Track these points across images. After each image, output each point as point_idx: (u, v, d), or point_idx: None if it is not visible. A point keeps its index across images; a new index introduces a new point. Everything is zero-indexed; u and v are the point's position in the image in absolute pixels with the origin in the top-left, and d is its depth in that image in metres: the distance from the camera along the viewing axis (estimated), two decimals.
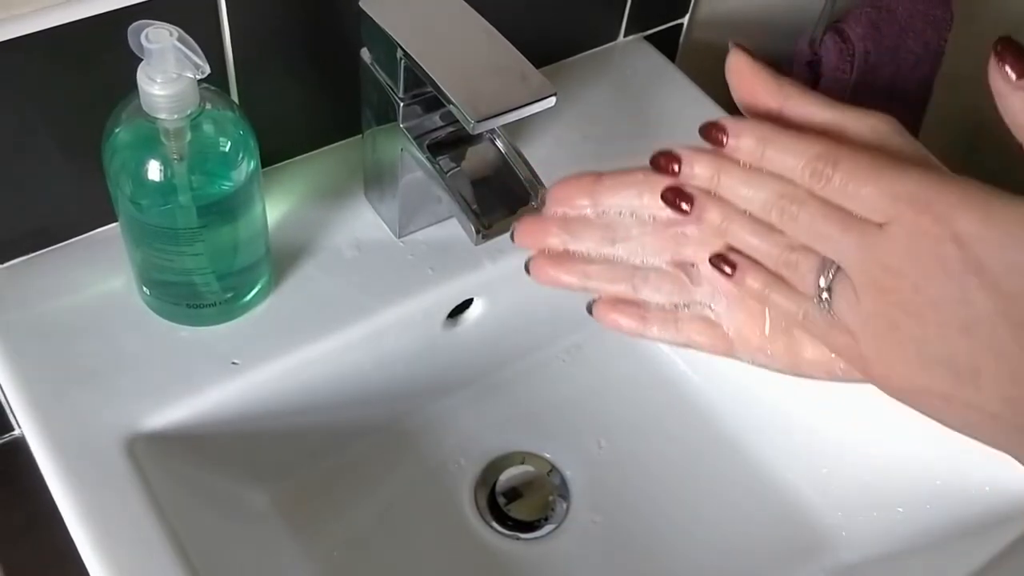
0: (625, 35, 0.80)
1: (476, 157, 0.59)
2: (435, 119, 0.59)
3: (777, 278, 0.36)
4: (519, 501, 0.67)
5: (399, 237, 0.65)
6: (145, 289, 0.58)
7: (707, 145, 0.36)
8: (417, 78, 0.54)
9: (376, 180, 0.65)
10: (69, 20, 0.52)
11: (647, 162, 0.37)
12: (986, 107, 0.34)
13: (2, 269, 0.60)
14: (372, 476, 0.67)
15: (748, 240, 0.36)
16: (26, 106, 0.54)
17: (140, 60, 0.48)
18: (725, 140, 0.35)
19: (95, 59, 0.54)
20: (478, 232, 0.56)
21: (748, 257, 0.37)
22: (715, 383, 0.72)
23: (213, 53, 0.57)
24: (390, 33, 0.54)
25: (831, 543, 0.66)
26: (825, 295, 0.35)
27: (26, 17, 0.50)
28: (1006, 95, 0.32)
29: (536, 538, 0.66)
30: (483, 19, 0.54)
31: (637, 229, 0.39)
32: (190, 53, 0.47)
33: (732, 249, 0.37)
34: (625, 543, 0.66)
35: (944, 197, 0.32)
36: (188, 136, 0.50)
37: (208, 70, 0.48)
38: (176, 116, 0.49)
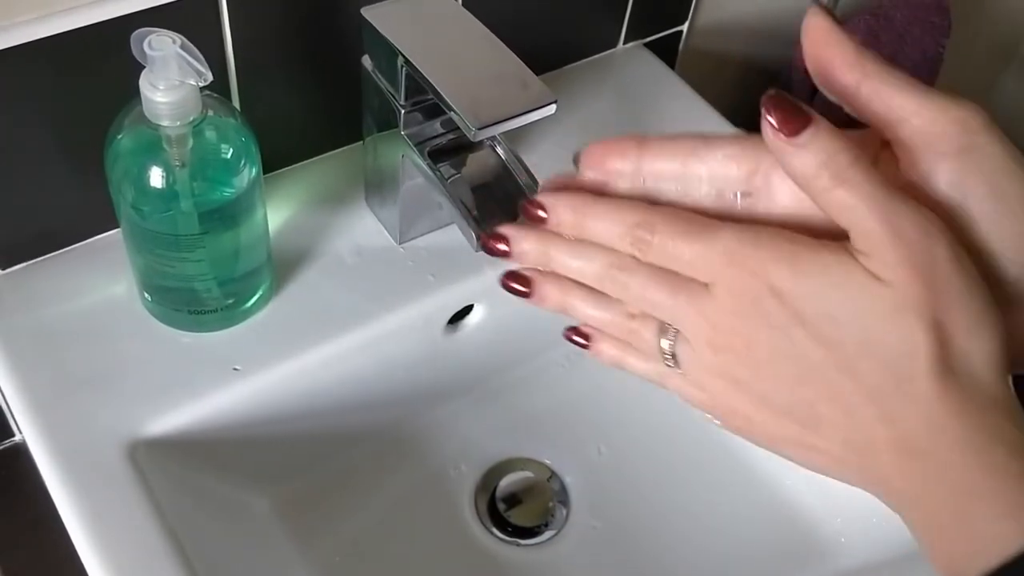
0: (625, 42, 0.80)
1: (477, 164, 0.59)
2: (436, 126, 0.59)
3: (627, 343, 0.37)
4: (519, 507, 0.67)
5: (400, 243, 0.65)
6: (147, 295, 0.59)
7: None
8: (418, 85, 0.54)
9: (377, 186, 0.65)
10: (72, 27, 0.52)
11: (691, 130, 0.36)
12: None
13: (4, 274, 0.60)
14: (372, 481, 0.67)
15: (589, 313, 0.37)
16: (29, 112, 0.54)
17: (143, 67, 0.48)
18: (544, 215, 0.36)
19: (98, 66, 0.54)
20: (479, 238, 0.56)
21: (597, 328, 0.37)
22: None
23: (215, 60, 0.57)
24: (391, 41, 0.54)
25: (830, 549, 0.66)
26: (668, 358, 0.36)
27: (29, 24, 0.51)
28: (783, 155, 0.31)
29: (536, 544, 0.66)
30: (484, 27, 0.55)
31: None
32: (193, 60, 0.47)
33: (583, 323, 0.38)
34: (625, 549, 0.66)
35: (756, 252, 0.32)
36: (190, 143, 0.51)
37: (211, 77, 0.48)
38: (178, 123, 0.50)
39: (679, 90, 0.78)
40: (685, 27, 0.83)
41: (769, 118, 0.31)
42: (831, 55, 0.32)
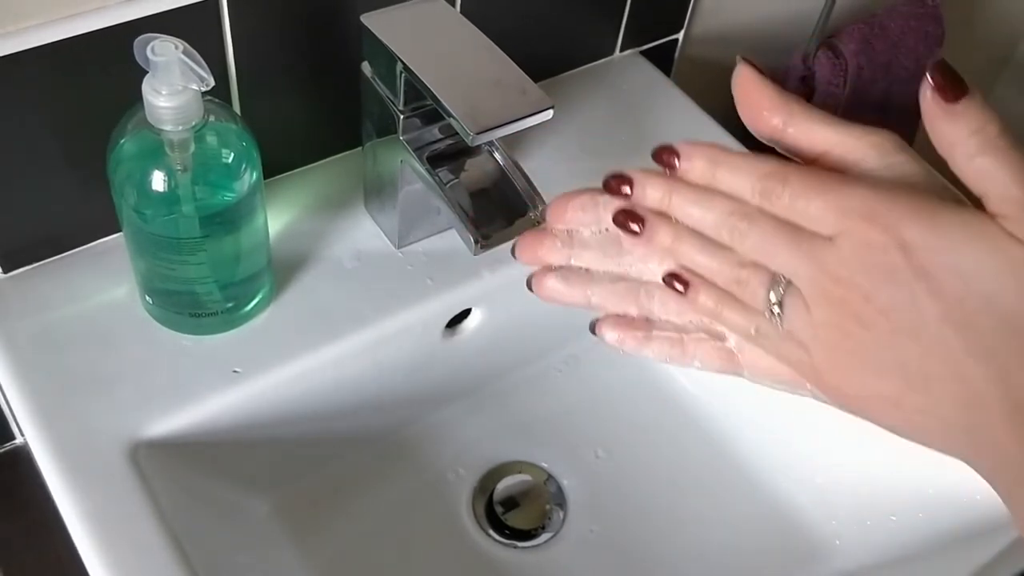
0: (621, 50, 0.81)
1: (475, 169, 0.59)
2: (435, 131, 0.59)
3: (729, 295, 0.37)
4: (516, 510, 0.67)
5: (398, 248, 0.66)
6: (148, 298, 0.59)
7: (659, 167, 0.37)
8: (417, 91, 0.54)
9: (376, 191, 0.65)
10: (76, 33, 0.52)
11: (630, 154, 0.38)
12: None
13: (7, 278, 0.61)
14: (371, 485, 0.67)
15: (697, 259, 0.37)
16: (32, 117, 0.55)
17: (145, 72, 0.49)
18: (677, 162, 0.36)
19: (101, 71, 0.55)
20: (477, 243, 0.56)
21: (700, 275, 0.38)
22: (711, 394, 0.73)
23: (216, 66, 0.57)
24: (391, 47, 0.55)
25: (826, 552, 0.67)
26: (776, 309, 0.36)
27: (33, 30, 0.51)
28: (936, 119, 0.33)
29: (533, 547, 0.66)
30: (482, 34, 0.55)
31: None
32: (195, 66, 0.48)
33: (686, 268, 0.38)
34: (622, 552, 0.67)
35: (892, 208, 0.33)
36: (192, 147, 0.51)
37: (212, 82, 0.48)
38: (180, 128, 0.50)
39: (674, 97, 0.79)
40: (681, 35, 0.83)
41: (931, 82, 0.32)
42: (759, 101, 0.35)
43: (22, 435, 0.61)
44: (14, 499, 0.74)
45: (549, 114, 0.53)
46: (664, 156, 0.37)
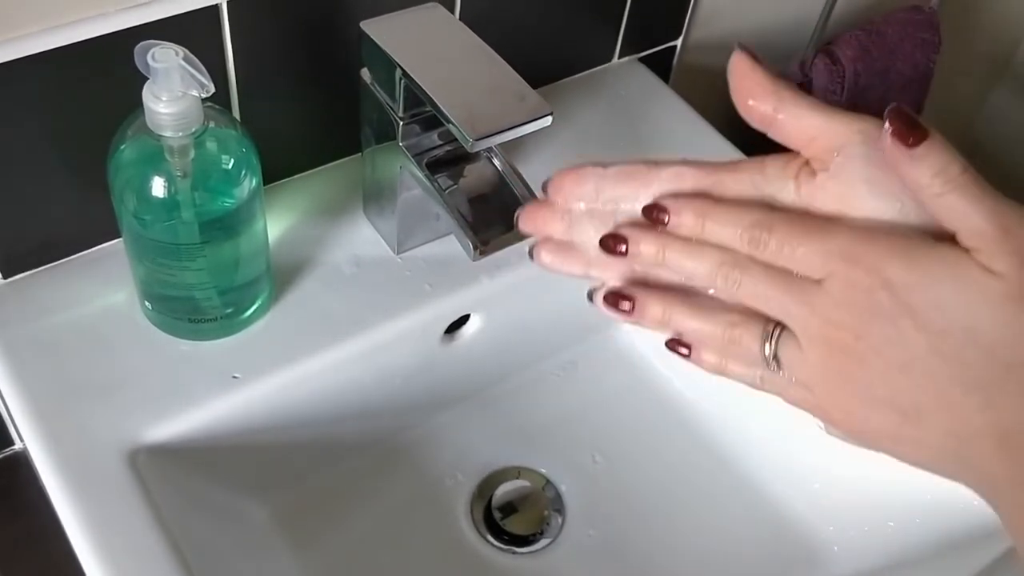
0: (620, 57, 0.81)
1: (474, 175, 0.60)
2: (434, 138, 0.60)
3: (728, 350, 0.38)
4: (515, 515, 0.68)
5: (397, 253, 0.66)
6: (147, 304, 0.59)
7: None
8: (416, 98, 0.55)
9: (375, 197, 0.66)
10: (76, 40, 0.53)
11: (649, 156, 0.39)
12: (976, 128, 0.35)
13: (7, 283, 0.61)
14: (369, 490, 0.67)
15: (690, 325, 0.38)
16: (33, 123, 0.55)
17: (146, 79, 0.49)
18: (667, 219, 0.38)
19: (101, 78, 0.55)
20: (475, 248, 0.56)
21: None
22: (709, 399, 0.73)
23: (216, 72, 0.58)
24: (390, 54, 0.55)
25: (823, 557, 0.67)
26: (773, 360, 0.37)
27: (34, 36, 0.51)
28: (899, 164, 0.33)
29: (531, 552, 0.66)
30: (481, 40, 0.56)
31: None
32: (195, 72, 0.48)
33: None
34: (620, 557, 0.67)
35: (872, 248, 0.34)
36: (192, 153, 0.51)
37: (213, 89, 0.48)
38: (180, 134, 0.50)
39: (673, 104, 0.79)
40: (679, 42, 0.84)
41: (890, 129, 0.33)
42: (752, 86, 0.36)
43: (21, 440, 0.61)
44: (13, 504, 0.74)
45: (548, 120, 0.53)
46: (654, 213, 0.38)
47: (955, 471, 0.35)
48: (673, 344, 0.40)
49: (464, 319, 0.67)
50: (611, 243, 0.39)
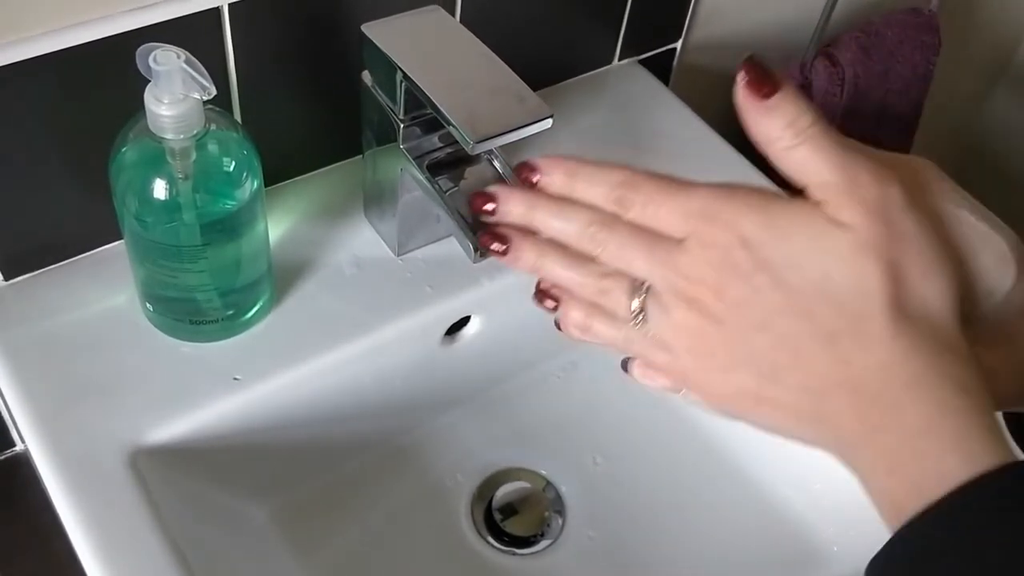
0: (620, 59, 0.81)
1: (474, 177, 0.60)
2: (434, 140, 0.60)
3: (597, 307, 0.38)
4: (515, 517, 0.68)
5: (398, 255, 0.66)
6: (148, 305, 0.59)
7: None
8: (417, 100, 0.55)
9: (376, 199, 0.66)
10: (78, 42, 0.53)
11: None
12: (976, 129, 0.35)
13: (8, 285, 0.61)
14: (370, 491, 0.67)
15: (562, 274, 0.38)
16: (35, 125, 0.55)
17: (147, 81, 0.49)
18: (536, 178, 0.38)
19: (103, 80, 0.55)
20: (476, 250, 0.57)
21: (569, 291, 0.39)
22: None
23: (218, 75, 0.58)
24: (391, 56, 0.55)
25: (823, 557, 0.67)
26: (639, 315, 0.37)
27: (36, 39, 0.51)
28: (751, 115, 0.34)
29: (532, 553, 0.66)
30: (482, 43, 0.56)
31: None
32: (197, 75, 0.48)
33: (554, 284, 0.39)
34: (620, 558, 0.67)
35: (729, 206, 0.34)
36: (193, 155, 0.52)
37: (214, 91, 0.49)
38: (182, 136, 0.50)
39: (673, 106, 0.79)
40: (679, 44, 0.84)
41: (743, 78, 0.33)
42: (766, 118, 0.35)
43: (22, 442, 0.61)
44: (14, 506, 0.74)
45: (548, 123, 0.54)
46: (523, 172, 0.38)
47: (814, 433, 0.35)
48: (541, 296, 0.40)
49: (464, 320, 0.67)
50: (479, 201, 0.39)
